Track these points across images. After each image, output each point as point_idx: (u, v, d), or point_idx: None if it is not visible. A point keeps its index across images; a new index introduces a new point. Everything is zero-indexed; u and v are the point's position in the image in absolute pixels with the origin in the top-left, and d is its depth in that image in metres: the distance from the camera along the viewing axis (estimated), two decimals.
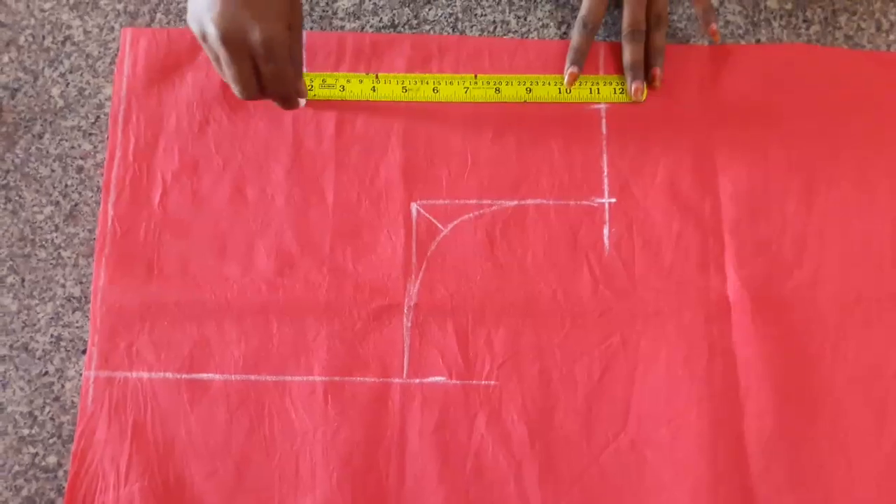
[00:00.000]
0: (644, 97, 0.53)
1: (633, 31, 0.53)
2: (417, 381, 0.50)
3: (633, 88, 0.53)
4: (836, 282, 0.51)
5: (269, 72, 0.45)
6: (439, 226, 0.52)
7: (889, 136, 0.54)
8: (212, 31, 0.43)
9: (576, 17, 0.55)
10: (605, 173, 0.53)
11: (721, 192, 0.53)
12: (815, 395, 0.50)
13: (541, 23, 0.56)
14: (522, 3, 0.56)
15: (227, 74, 0.46)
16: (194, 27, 0.45)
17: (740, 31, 0.56)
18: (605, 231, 0.52)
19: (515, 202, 0.53)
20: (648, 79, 0.54)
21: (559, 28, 0.56)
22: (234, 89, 0.46)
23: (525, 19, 0.56)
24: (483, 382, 0.50)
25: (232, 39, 0.43)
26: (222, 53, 0.44)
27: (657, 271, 0.51)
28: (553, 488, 0.48)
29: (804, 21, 0.57)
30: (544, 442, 0.49)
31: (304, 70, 0.54)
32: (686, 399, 0.49)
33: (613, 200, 0.53)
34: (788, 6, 0.57)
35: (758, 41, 0.56)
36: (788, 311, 0.51)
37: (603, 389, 0.50)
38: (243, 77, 0.45)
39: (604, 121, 0.54)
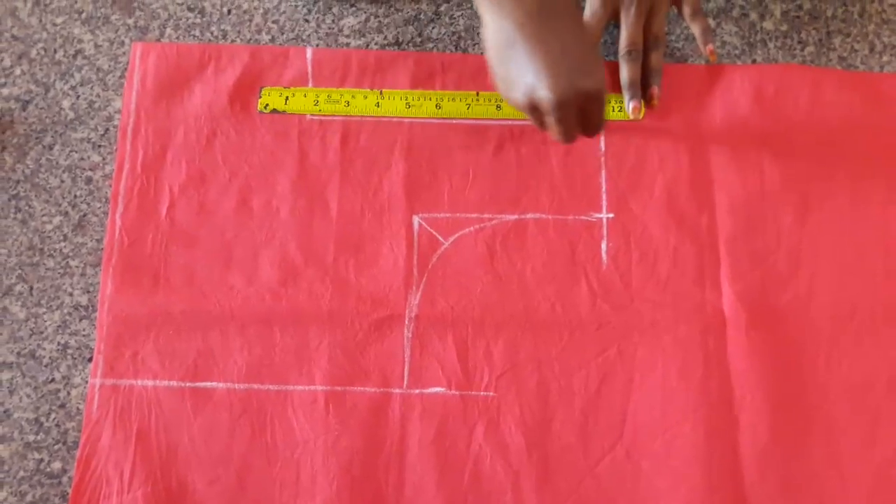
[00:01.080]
0: (642, 116, 0.55)
1: (631, 50, 0.54)
2: (417, 391, 0.50)
3: (630, 107, 0.54)
4: (829, 295, 0.52)
5: (593, 118, 0.47)
6: (440, 239, 0.53)
7: (881, 154, 0.55)
8: (548, 98, 0.44)
9: None
10: (604, 189, 0.54)
11: (717, 207, 0.54)
12: (809, 407, 0.50)
13: None
14: None
15: (555, 129, 0.47)
16: (518, 98, 0.46)
17: (736, 52, 0.57)
18: (603, 245, 0.53)
19: (515, 216, 0.54)
20: (646, 98, 0.55)
21: None
22: (560, 139, 0.48)
23: None
24: (482, 393, 0.50)
25: (567, 103, 0.45)
26: (556, 115, 0.45)
27: (654, 285, 0.52)
28: (550, 498, 0.48)
29: (799, 42, 0.58)
30: (542, 452, 0.49)
31: (311, 85, 0.56)
32: (681, 410, 0.50)
33: (611, 215, 0.54)
34: (784, 27, 0.58)
35: (753, 61, 0.57)
36: (783, 324, 0.52)
37: (600, 401, 0.50)
38: (571, 128, 0.47)
39: (602, 138, 0.55)
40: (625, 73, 0.55)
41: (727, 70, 0.57)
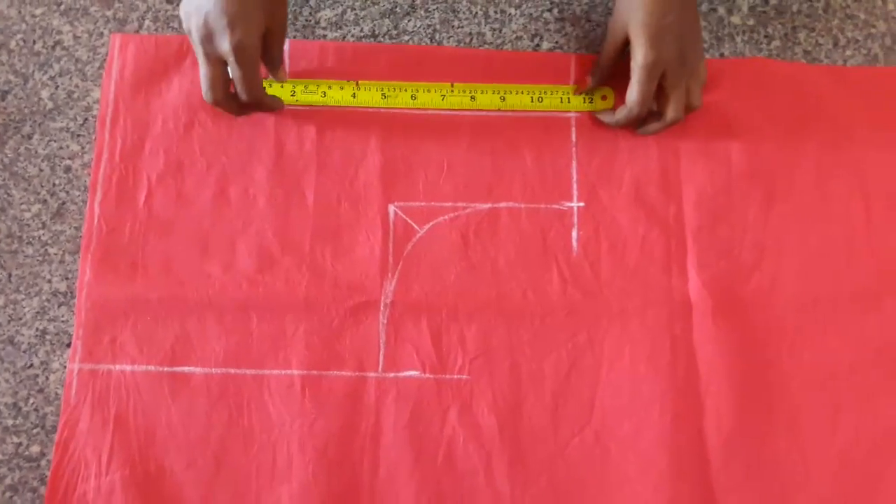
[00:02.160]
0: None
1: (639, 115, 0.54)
2: (392, 375, 0.52)
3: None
4: (793, 285, 0.54)
5: (237, 76, 0.49)
6: (415, 227, 0.54)
7: (844, 146, 0.57)
8: (192, 32, 0.48)
9: (549, 29, 0.57)
10: (575, 179, 0.56)
11: (685, 198, 0.55)
12: (773, 393, 0.52)
13: (515, 35, 0.59)
14: (497, 16, 0.59)
15: (201, 74, 0.50)
16: (184, 23, 0.49)
17: (705, 46, 0.59)
18: (574, 234, 0.55)
19: (489, 205, 0.55)
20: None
21: (532, 40, 0.58)
22: (203, 89, 0.50)
23: (500, 31, 0.59)
24: (455, 377, 0.52)
25: (206, 42, 0.48)
26: (198, 53, 0.49)
27: (622, 272, 0.54)
28: (521, 479, 0.50)
29: (765, 36, 0.59)
30: (513, 434, 0.50)
31: (288, 76, 0.56)
32: (649, 395, 0.51)
33: (582, 205, 0.55)
34: (751, 22, 0.60)
35: (721, 55, 0.59)
36: (748, 311, 0.53)
37: (570, 385, 0.52)
38: (211, 80, 0.50)
39: (573, 129, 0.56)
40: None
41: None
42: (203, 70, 0.49)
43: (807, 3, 0.60)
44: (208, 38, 0.48)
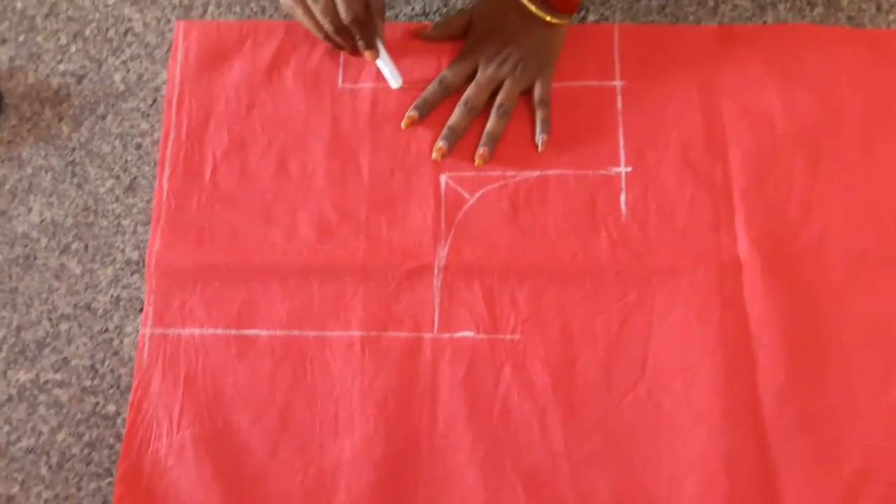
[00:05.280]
0: (479, 163, 0.56)
1: (466, 101, 0.57)
2: (447, 335, 0.53)
3: (478, 153, 0.56)
4: (841, 242, 0.54)
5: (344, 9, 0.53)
6: (466, 196, 0.56)
7: (889, 105, 0.57)
8: None
9: (594, 1, 0.59)
10: (622, 144, 0.57)
11: (731, 159, 0.56)
12: (824, 347, 0.52)
13: None
14: None
15: (316, 10, 0.54)
16: None
17: (748, 14, 0.60)
18: (622, 197, 0.56)
19: (537, 173, 0.57)
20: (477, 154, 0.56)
21: (578, 13, 0.60)
22: (321, 23, 0.55)
23: None
24: (508, 336, 0.53)
25: None
26: None
27: (671, 233, 0.55)
28: (576, 433, 0.51)
29: (808, 3, 0.60)
30: (567, 390, 0.52)
31: (342, 56, 0.59)
32: (700, 350, 0.52)
33: (630, 169, 0.56)
34: None
35: (764, 23, 0.60)
36: (797, 268, 0.54)
37: (621, 342, 0.53)
38: (324, 8, 0.54)
39: (619, 97, 0.58)
40: (459, 120, 0.57)
41: (738, 30, 0.59)
42: (315, 8, 0.54)
43: None
44: None
